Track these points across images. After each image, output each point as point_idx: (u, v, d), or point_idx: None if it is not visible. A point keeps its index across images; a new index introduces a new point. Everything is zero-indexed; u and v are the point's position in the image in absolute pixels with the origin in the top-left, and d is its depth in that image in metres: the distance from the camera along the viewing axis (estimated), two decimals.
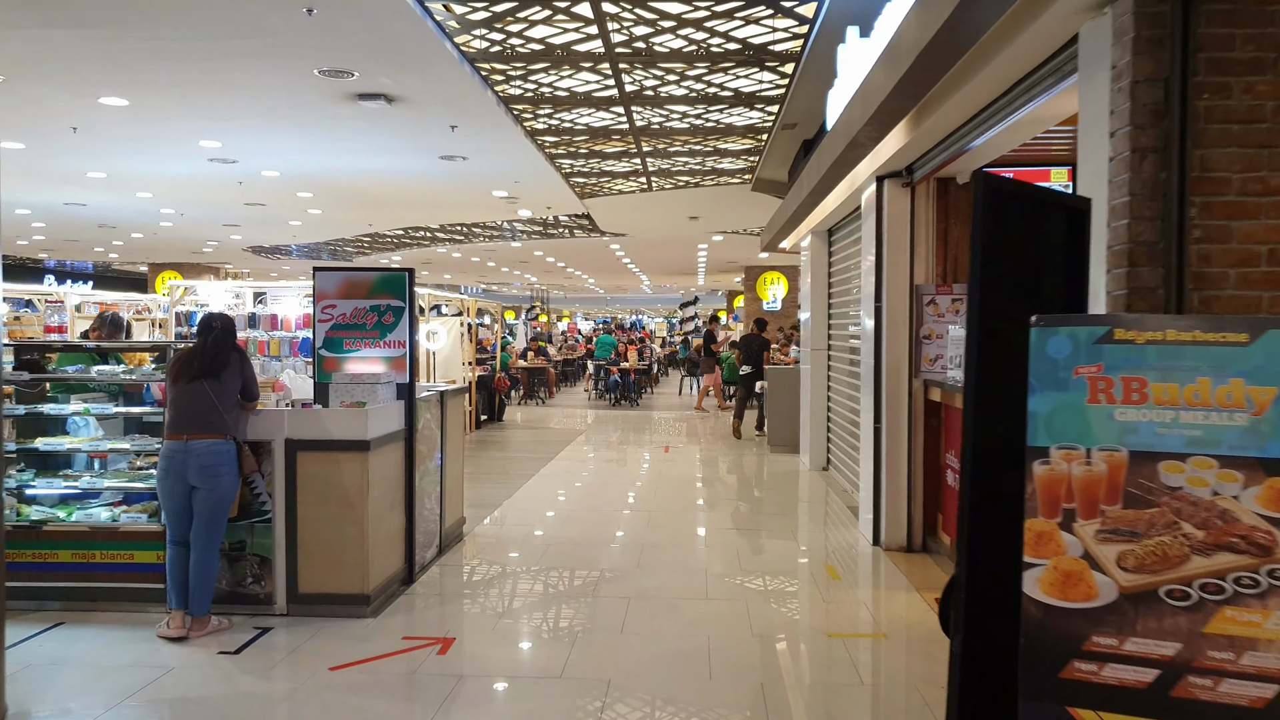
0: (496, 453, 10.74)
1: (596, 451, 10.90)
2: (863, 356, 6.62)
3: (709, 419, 14.64)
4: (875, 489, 6.17)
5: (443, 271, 26.90)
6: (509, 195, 11.80)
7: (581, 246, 18.65)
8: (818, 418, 9.45)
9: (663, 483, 8.65)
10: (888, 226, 6.03)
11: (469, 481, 8.23)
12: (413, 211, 13.66)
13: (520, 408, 16.70)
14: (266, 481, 4.60)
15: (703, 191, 11.70)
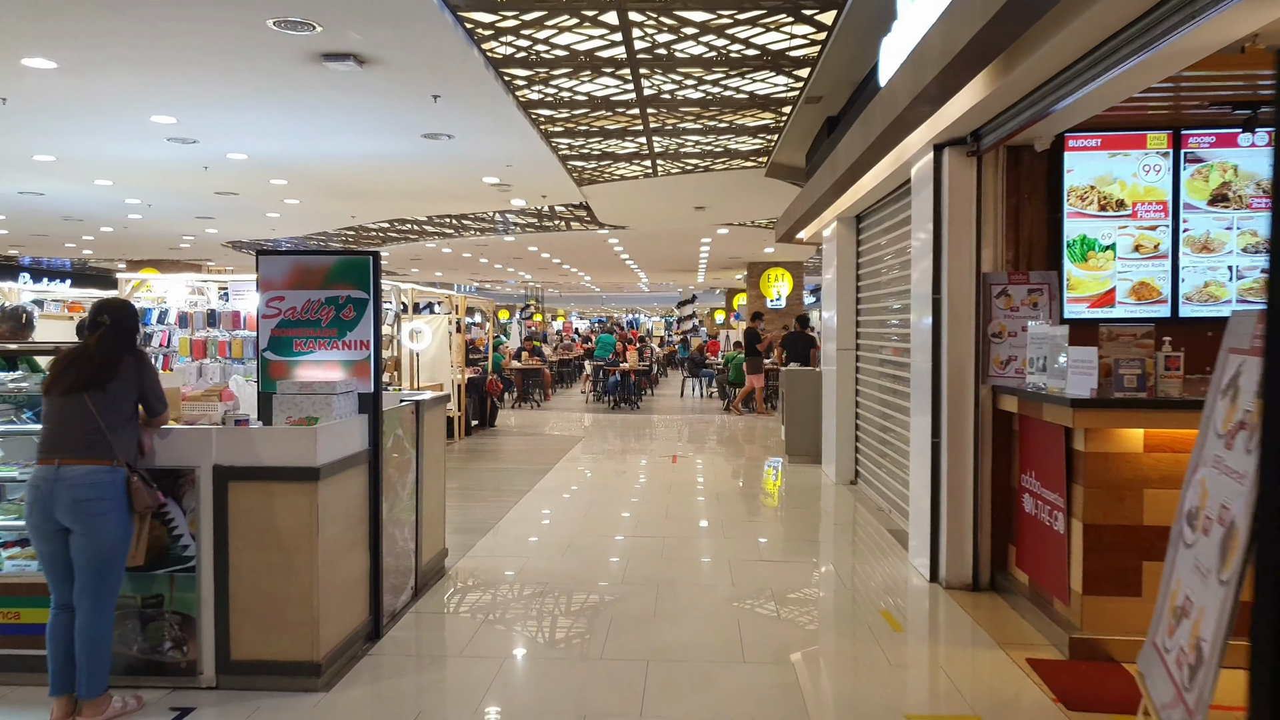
0: (487, 464, 9.76)
1: (597, 461, 9.93)
2: (914, 359, 5.66)
3: (723, 423, 13.69)
4: (933, 515, 5.21)
5: (434, 269, 25.90)
6: (501, 182, 10.83)
7: (578, 241, 17.68)
8: (845, 426, 8.50)
9: (672, 500, 7.68)
10: (949, 204, 5.07)
11: (455, 499, 7.26)
12: (397, 202, 12.68)
13: (514, 411, 15.73)
14: (190, 520, 3.63)
15: (712, 177, 10.74)
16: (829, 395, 8.93)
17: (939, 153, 5.17)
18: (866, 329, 8.15)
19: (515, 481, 8.47)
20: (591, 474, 9.06)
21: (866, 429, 8.10)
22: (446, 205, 13.00)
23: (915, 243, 5.64)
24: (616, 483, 8.53)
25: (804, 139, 9.15)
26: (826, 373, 9.14)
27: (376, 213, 13.96)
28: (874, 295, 7.88)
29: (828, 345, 9.10)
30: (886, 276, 7.37)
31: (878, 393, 7.62)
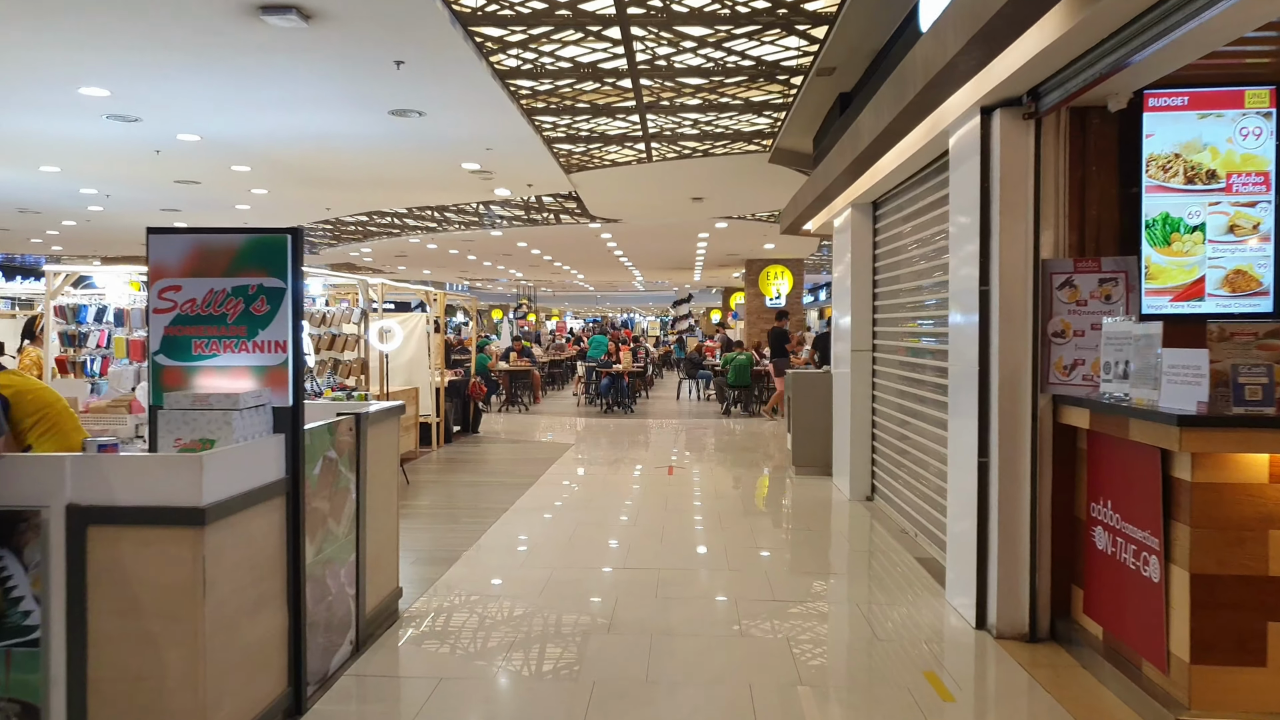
0: (465, 476, 8.89)
1: (586, 473, 9.07)
2: (954, 363, 4.82)
3: (722, 428, 12.84)
4: (979, 548, 4.37)
5: (420, 266, 25.02)
6: (481, 169, 9.97)
7: (569, 236, 16.82)
8: (860, 436, 7.65)
9: (668, 521, 6.83)
10: (1001, 177, 4.23)
11: (422, 521, 6.38)
12: (373, 192, 11.81)
13: (502, 415, 14.86)
14: (33, 577, 2.76)
15: (711, 164, 9.89)
16: (841, 401, 8.09)
17: (987, 117, 4.32)
18: (885, 328, 7.31)
19: (494, 498, 7.61)
20: (579, 489, 8.20)
21: (885, 440, 7.26)
22: (426, 196, 12.14)
23: (955, 227, 4.80)
24: (606, 500, 7.67)
25: (812, 120, 8.31)
26: (838, 376, 8.29)
27: (352, 205, 13.09)
28: (894, 290, 7.03)
29: (839, 346, 8.25)
30: (911, 269, 6.53)
31: (900, 399, 6.78)
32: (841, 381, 8.10)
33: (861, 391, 7.64)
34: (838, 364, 8.37)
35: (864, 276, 7.65)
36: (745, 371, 14.74)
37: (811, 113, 8.13)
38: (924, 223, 6.12)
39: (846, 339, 7.86)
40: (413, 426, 9.92)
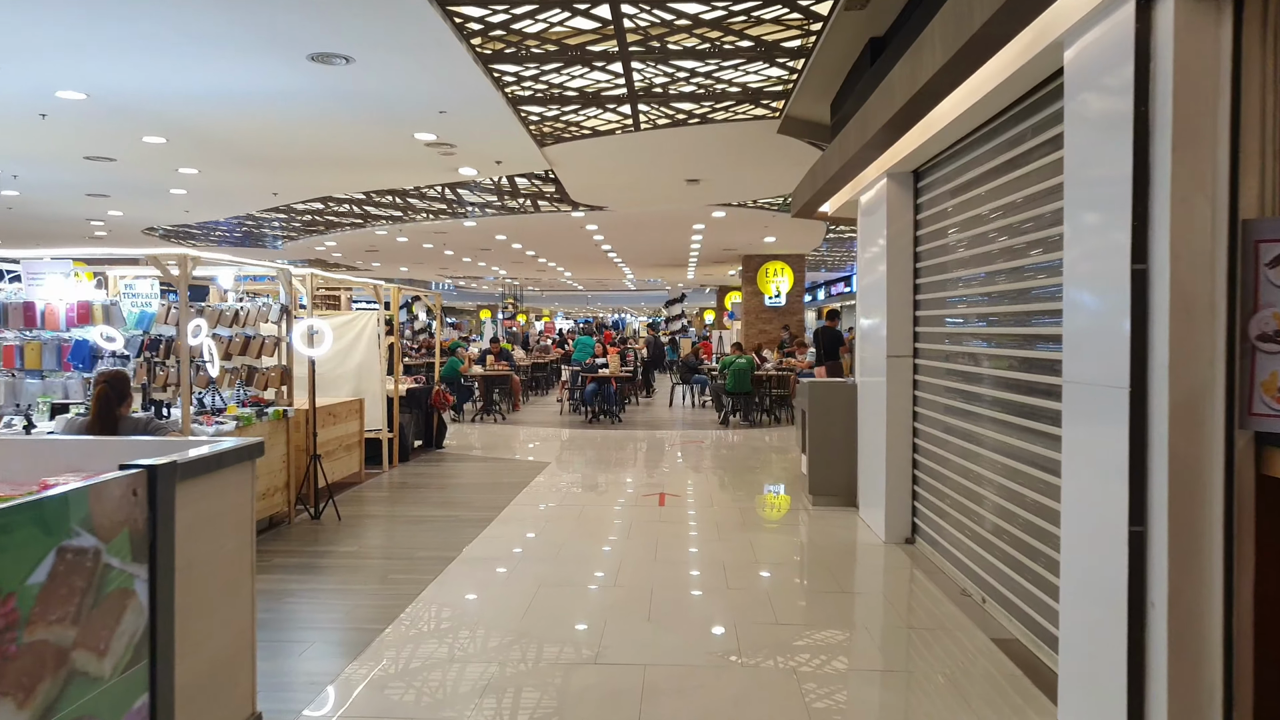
0: (413, 507, 7.35)
1: (559, 504, 7.54)
2: (1074, 379, 3.29)
3: (721, 440, 11.33)
4: (1134, 663, 2.86)
5: (395, 262, 23.43)
6: (439, 141, 8.43)
7: (550, 228, 15.28)
8: (898, 462, 6.15)
9: (658, 578, 5.32)
10: (1175, 92, 2.72)
11: (333, 581, 4.82)
12: (320, 173, 10.25)
13: (475, 426, 13.31)
14: None
15: (709, 134, 8.37)
16: (871, 417, 6.59)
17: (1145, 7, 2.82)
18: (932, 328, 5.81)
19: (440, 541, 6.08)
20: (550, 527, 6.66)
21: (932, 469, 5.75)
22: (382, 177, 10.58)
23: (1079, 177, 3.28)
24: (581, 545, 6.14)
25: (831, 81, 6.81)
26: (867, 387, 6.79)
27: (301, 189, 11.51)
28: (946, 280, 5.53)
29: (868, 350, 6.75)
30: (974, 251, 5.02)
31: (957, 420, 5.28)
32: (871, 394, 6.60)
33: (899, 407, 6.14)
34: (865, 372, 6.87)
35: (902, 264, 6.15)
36: (746, 377, 13.24)
37: (830, 73, 6.64)
38: (1000, 187, 4.61)
39: (879, 342, 6.36)
40: (356, 445, 8.38)
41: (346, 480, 8.31)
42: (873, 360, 6.56)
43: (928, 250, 5.89)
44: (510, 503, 7.40)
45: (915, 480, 6.11)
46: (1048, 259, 4.04)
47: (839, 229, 16.62)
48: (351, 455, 8.25)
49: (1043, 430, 4.08)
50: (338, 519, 6.80)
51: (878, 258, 6.43)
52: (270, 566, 5.48)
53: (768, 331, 20.68)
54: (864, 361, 6.91)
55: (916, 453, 6.09)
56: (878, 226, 6.43)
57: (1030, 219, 4.24)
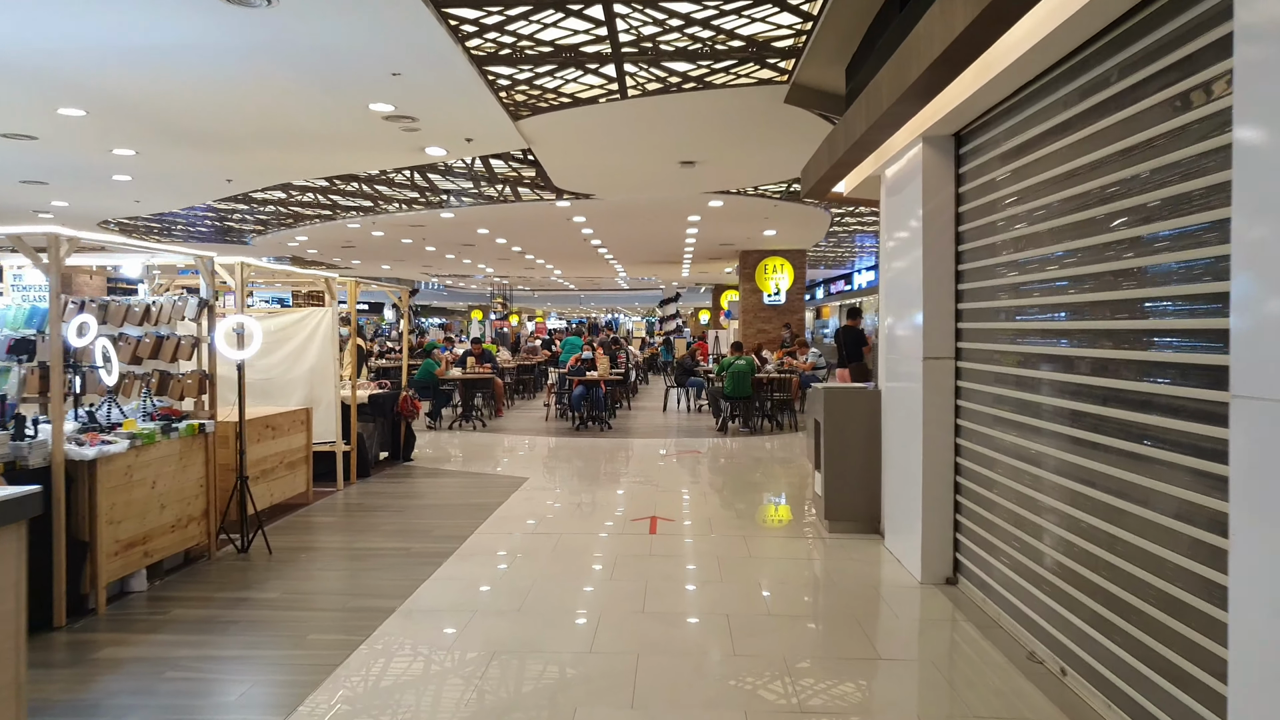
0: (359, 538, 6.28)
1: (535, 530, 6.49)
2: (1250, 391, 2.23)
3: (720, 450, 10.27)
4: None
5: (375, 259, 22.34)
6: (398, 113, 7.37)
7: (535, 220, 14.22)
8: (936, 484, 5.10)
9: (649, 637, 4.27)
10: None
11: (232, 646, 3.68)
12: (269, 153, 9.17)
13: (453, 434, 12.22)
14: None
15: (706, 104, 7.32)
16: (901, 430, 5.54)
17: None
18: (978, 323, 4.76)
19: (380, 585, 5.02)
20: (518, 565, 5.60)
21: (981, 494, 4.71)
22: (342, 159, 9.50)
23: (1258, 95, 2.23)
24: (553, 590, 5.07)
25: (846, 42, 5.78)
26: (894, 394, 5.75)
27: (255, 173, 10.42)
28: (999, 265, 4.49)
29: (898, 351, 5.70)
30: (1037, 227, 3.98)
31: (1011, 434, 4.23)
32: (901, 402, 5.55)
33: (938, 419, 5.09)
34: (893, 376, 5.82)
35: (941, 248, 5.10)
36: (746, 380, 12.18)
37: (845, 34, 5.62)
38: (1082, 142, 3.57)
39: (912, 341, 5.32)
40: (302, 461, 7.31)
41: (292, 501, 7.24)
42: (903, 363, 5.52)
43: (975, 229, 4.85)
44: (476, 530, 6.33)
45: (958, 507, 5.06)
46: (1161, 229, 2.99)
47: (843, 221, 15.59)
48: (296, 473, 7.17)
49: (1147, 455, 3.04)
50: (268, 552, 5.73)
51: (909, 241, 5.38)
52: (164, 623, 4.41)
53: (767, 331, 19.64)
54: (891, 364, 5.86)
55: (960, 474, 5.05)
56: (909, 204, 5.39)
57: (1135, 179, 3.19)
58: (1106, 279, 3.44)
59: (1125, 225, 3.28)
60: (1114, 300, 3.37)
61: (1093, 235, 3.53)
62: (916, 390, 5.19)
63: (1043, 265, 4.01)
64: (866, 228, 17.02)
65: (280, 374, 8.24)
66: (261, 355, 8.25)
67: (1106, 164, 3.41)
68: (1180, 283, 2.91)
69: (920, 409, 5.12)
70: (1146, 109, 3.11)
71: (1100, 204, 3.46)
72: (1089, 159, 3.54)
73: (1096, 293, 3.51)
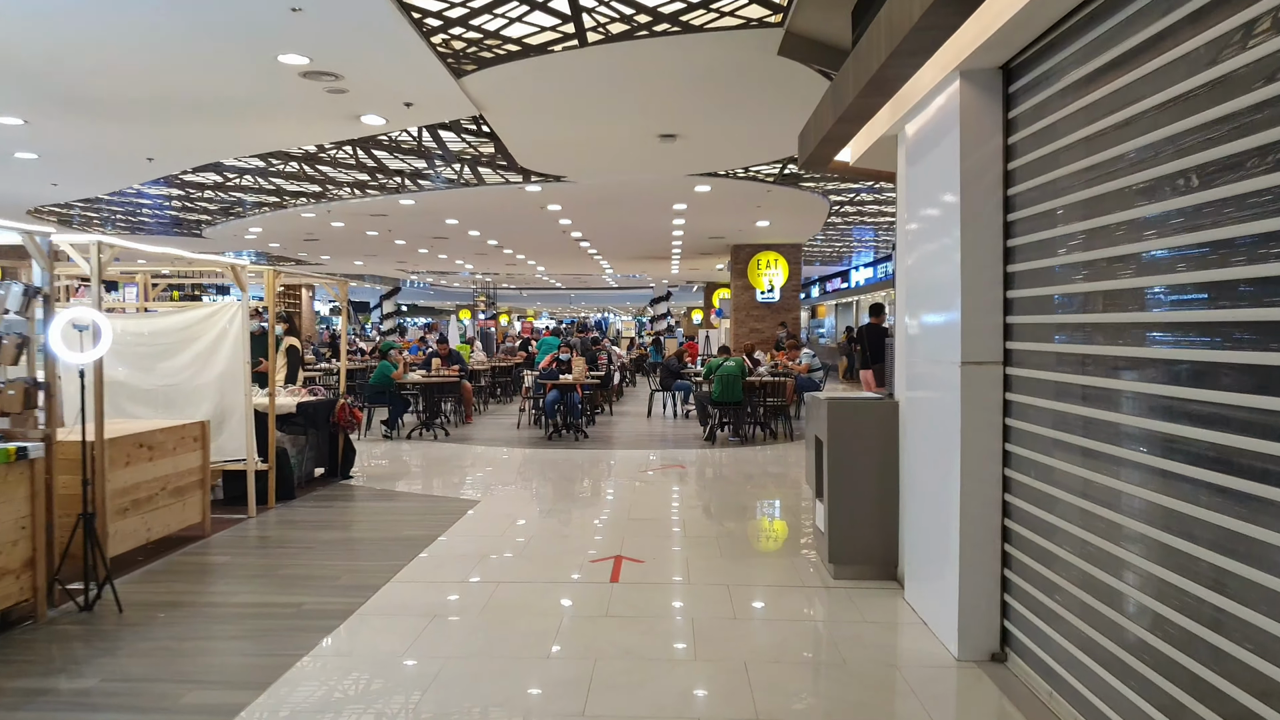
0: (238, 588, 5.02)
1: (470, 576, 5.26)
2: None
3: (705, 463, 9.04)
4: None
5: (346, 255, 21.06)
6: (315, 69, 6.13)
7: (507, 209, 12.97)
8: (976, 529, 3.86)
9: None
10: None
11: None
12: (182, 124, 7.90)
13: (414, 444, 10.96)
14: None
15: (685, 56, 6.09)
16: (927, 453, 4.31)
17: None
18: (1037, 315, 3.53)
19: (238, 666, 3.77)
20: (431, 633, 4.36)
21: (1035, 543, 3.47)
22: (269, 132, 8.24)
23: None
24: (469, 679, 3.82)
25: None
26: (918, 407, 4.52)
27: (179, 152, 9.15)
28: (1069, 238, 3.26)
29: (923, 353, 4.47)
30: (1131, 180, 2.74)
31: (1082, 469, 3.00)
32: (927, 418, 4.32)
33: (981, 441, 3.86)
34: (916, 384, 4.59)
35: (984, 220, 3.87)
36: (736, 384, 10.95)
37: None
38: (1197, 54, 2.33)
39: (943, 342, 4.09)
40: (195, 486, 6.05)
41: (185, 533, 6.00)
42: (931, 369, 4.29)
43: (1031, 192, 3.62)
44: (394, 578, 5.08)
45: (1007, 560, 3.84)
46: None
47: (842, 210, 14.38)
48: (187, 500, 5.92)
49: (1269, 499, 1.82)
50: (118, 610, 4.48)
51: (941, 214, 4.15)
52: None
53: (760, 330, 18.43)
54: (914, 370, 4.63)
55: (1010, 516, 3.82)
56: (940, 166, 4.16)
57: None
58: (1222, 252, 2.22)
59: (1260, 170, 2.06)
60: (1234, 281, 2.16)
61: (1210, 188, 2.31)
62: (950, 404, 3.96)
63: (1131, 234, 2.79)
64: (867, 219, 15.81)
65: (186, 380, 7.00)
66: (164, 358, 7.02)
67: (1233, 84, 2.19)
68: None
69: (957, 429, 3.89)
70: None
71: (1224, 140, 2.24)
72: (1204, 79, 2.33)
73: (1206, 271, 2.29)
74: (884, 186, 11.98)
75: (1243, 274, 2.26)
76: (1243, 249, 2.28)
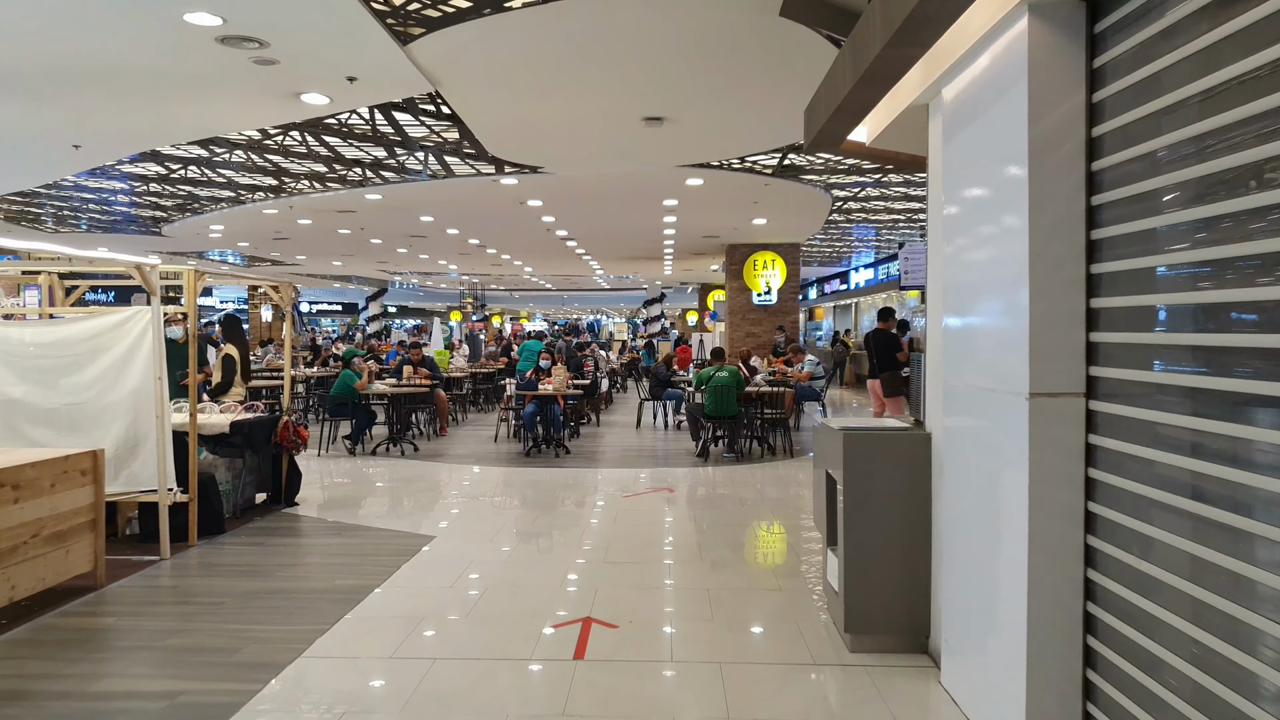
0: (97, 668, 4.04)
1: (400, 650, 4.29)
2: None
3: (697, 483, 8.08)
4: None
5: (323, 255, 20.05)
6: (232, 30, 5.15)
7: (484, 205, 11.99)
8: (1049, 612, 2.89)
9: None
10: None
11: None
12: (94, 103, 6.91)
13: (378, 460, 9.98)
14: None
15: (666, 14, 5.11)
16: (974, 504, 3.34)
17: None
18: (1133, 332, 2.56)
19: None
20: (356, 716, 3.38)
21: (1132, 642, 2.50)
22: (199, 114, 7.25)
23: None
24: None
25: None
26: (960, 441, 3.54)
27: (107, 138, 8.15)
28: (1182, 225, 2.29)
29: (966, 379, 3.51)
30: None
31: (1199, 546, 2.02)
32: (977, 459, 3.35)
33: (1053, 497, 2.89)
34: (956, 412, 3.63)
35: (1061, 198, 2.90)
36: (730, 396, 9.99)
37: None
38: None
39: (1000, 361, 3.12)
40: (83, 530, 5.07)
41: (70, 585, 5.03)
42: (982, 397, 3.32)
43: (1127, 167, 2.66)
44: (307, 650, 4.10)
45: (1091, 658, 2.87)
46: None
47: (845, 208, 13.42)
48: (71, 548, 4.93)
49: None
50: None
51: (997, 194, 3.19)
52: None
53: (756, 335, 17.48)
54: (956, 396, 3.66)
55: (1094, 599, 2.86)
56: (997, 134, 3.20)
57: None
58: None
59: None
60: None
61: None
62: (1011, 446, 3.00)
63: (1274, 226, 1.85)
64: (871, 216, 14.86)
65: (94, 398, 6.03)
66: (68, 373, 6.06)
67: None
68: None
69: (1022, 481, 2.92)
70: None
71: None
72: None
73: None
74: (890, 180, 11.03)
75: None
76: None
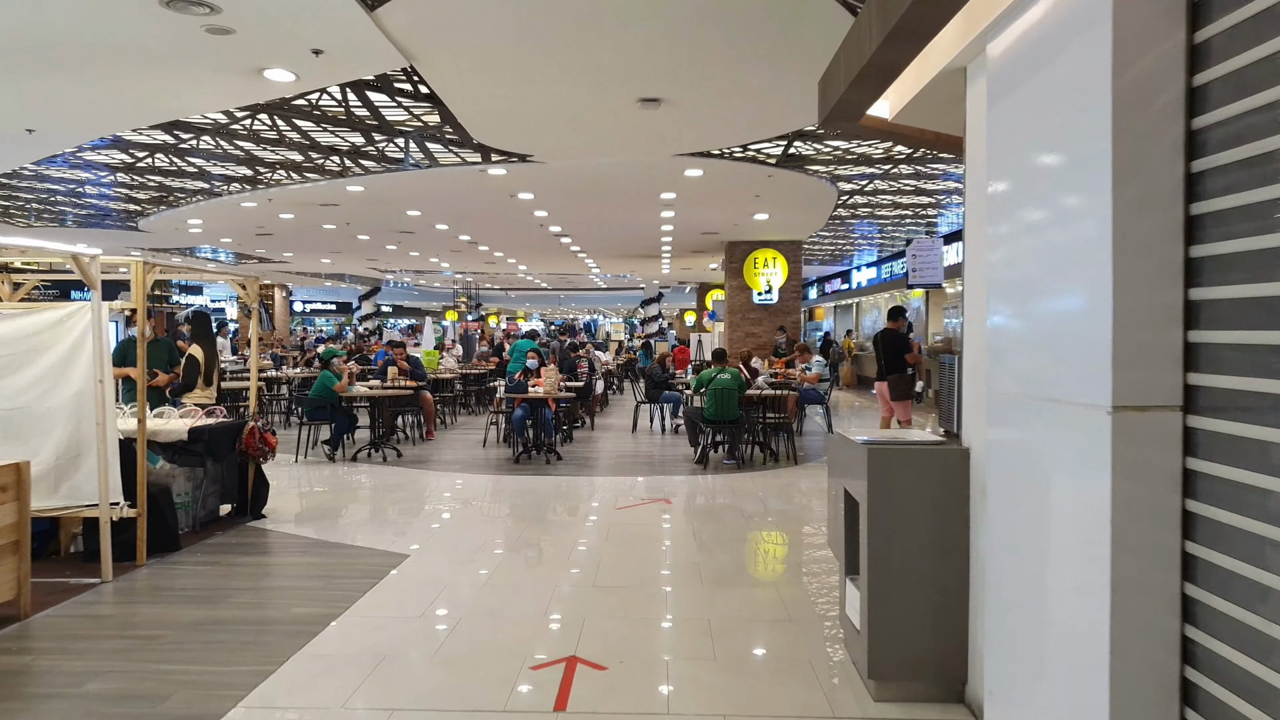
0: (15, 714, 3.47)
1: (356, 701, 3.71)
2: None
3: (695, 493, 7.52)
4: None
5: (311, 252, 19.49)
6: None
7: (473, 198, 11.43)
8: (1137, 664, 2.33)
9: None
10: None
11: None
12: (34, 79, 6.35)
13: (359, 467, 9.42)
14: None
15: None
16: (1033, 535, 2.77)
17: None
18: (1248, 330, 2.00)
19: None
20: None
21: (1239, 712, 1.95)
22: (153, 93, 6.68)
23: None
24: None
25: None
26: (1009, 459, 2.97)
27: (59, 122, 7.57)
28: None
29: (1028, 387, 2.94)
30: None
31: None
32: (1037, 483, 2.78)
33: (1142, 534, 2.33)
34: (1005, 425, 3.06)
35: (1151, 167, 2.34)
36: (731, 399, 9.43)
37: None
38: None
39: (1066, 366, 2.56)
40: (10, 550, 4.50)
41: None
42: (1044, 410, 2.76)
43: (1239, 123, 2.10)
44: (246, 698, 3.53)
45: None
46: None
47: (851, 203, 12.87)
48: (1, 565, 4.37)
49: None
50: None
51: (1067, 167, 2.63)
52: None
53: (757, 335, 16.94)
54: (1005, 406, 3.09)
55: (1193, 661, 2.30)
56: (1066, 89, 2.64)
57: None
58: None
59: None
60: None
61: None
62: (1087, 470, 2.44)
63: None
64: (876, 211, 14.32)
65: (33, 402, 5.48)
66: (4, 375, 5.48)
67: None
68: None
69: (1103, 513, 2.36)
70: None
71: None
72: None
73: None
74: (899, 171, 10.48)
75: None
76: None
